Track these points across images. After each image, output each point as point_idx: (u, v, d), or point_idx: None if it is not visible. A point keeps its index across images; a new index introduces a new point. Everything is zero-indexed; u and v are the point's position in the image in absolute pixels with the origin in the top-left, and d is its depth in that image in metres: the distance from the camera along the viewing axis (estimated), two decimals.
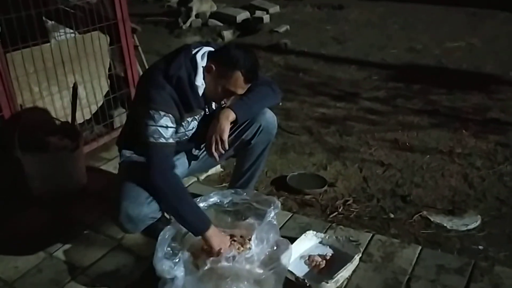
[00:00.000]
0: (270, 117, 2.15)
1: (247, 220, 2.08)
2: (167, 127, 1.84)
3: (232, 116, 1.96)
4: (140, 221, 1.90)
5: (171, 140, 1.86)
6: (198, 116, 2.01)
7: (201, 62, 1.89)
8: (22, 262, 2.10)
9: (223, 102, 2.04)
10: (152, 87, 1.86)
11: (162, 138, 1.83)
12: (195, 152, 2.23)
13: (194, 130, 2.05)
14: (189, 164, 2.22)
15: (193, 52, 1.91)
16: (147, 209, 1.89)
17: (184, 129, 2.00)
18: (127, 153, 2.07)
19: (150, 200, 1.89)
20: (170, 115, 1.85)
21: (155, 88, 1.85)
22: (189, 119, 1.99)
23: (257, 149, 2.18)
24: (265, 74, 3.80)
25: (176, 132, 1.94)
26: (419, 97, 3.96)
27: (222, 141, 1.95)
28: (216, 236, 1.87)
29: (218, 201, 2.07)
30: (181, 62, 1.88)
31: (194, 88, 1.89)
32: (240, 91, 1.91)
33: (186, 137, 2.05)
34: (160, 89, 1.85)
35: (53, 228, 2.32)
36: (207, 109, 2.04)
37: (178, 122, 1.93)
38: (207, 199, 2.04)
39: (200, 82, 1.91)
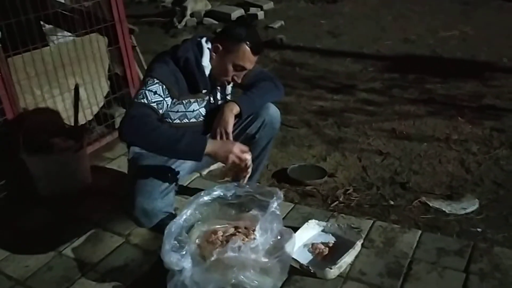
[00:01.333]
0: (274, 112, 2.20)
1: (251, 212, 2.12)
2: (155, 92, 1.89)
3: (236, 109, 2.03)
4: (154, 215, 1.96)
5: (153, 105, 1.88)
6: (200, 99, 2.08)
7: (206, 45, 2.02)
8: (32, 261, 2.14)
9: (230, 82, 2.10)
10: (156, 62, 1.98)
11: (145, 99, 1.87)
12: None
13: (195, 113, 2.10)
14: None
15: (198, 39, 2.04)
16: (161, 203, 1.95)
17: (185, 108, 2.06)
18: (136, 149, 2.12)
19: (164, 195, 1.96)
20: (163, 85, 1.91)
21: (158, 63, 1.96)
22: (192, 100, 2.06)
23: (261, 143, 2.24)
24: None
25: (177, 111, 2.01)
26: (415, 86, 4.01)
27: (227, 133, 2.01)
28: (218, 144, 1.90)
29: (222, 194, 2.10)
30: (188, 46, 2.00)
31: (201, 68, 1.99)
32: (249, 65, 2.00)
33: (187, 120, 2.10)
34: (163, 63, 1.95)
35: (61, 227, 2.36)
36: (211, 97, 2.10)
37: (175, 97, 1.98)
38: (211, 193, 2.08)
39: (206, 62, 2.01)
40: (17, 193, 2.59)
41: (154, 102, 1.89)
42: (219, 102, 2.16)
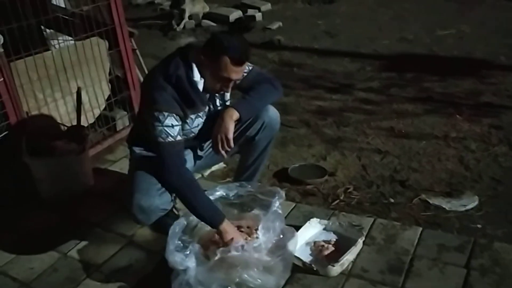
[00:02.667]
0: (273, 114, 2.21)
1: (253, 211, 2.15)
2: (172, 126, 1.92)
3: (236, 115, 2.03)
4: (152, 212, 1.99)
5: (179, 138, 1.95)
6: (201, 113, 2.08)
7: (192, 58, 1.97)
8: (37, 263, 2.17)
9: (225, 92, 2.10)
10: (154, 89, 1.94)
11: (170, 137, 1.92)
12: (200, 153, 2.30)
13: (199, 127, 2.12)
14: (195, 161, 2.30)
15: (185, 51, 1.99)
16: (158, 200, 1.98)
17: (189, 126, 2.07)
18: (137, 149, 2.14)
19: (161, 192, 1.98)
20: (174, 114, 1.93)
21: (156, 90, 1.93)
22: (193, 116, 2.05)
23: (261, 145, 2.25)
24: None
25: (182, 129, 2.02)
26: (413, 85, 4.04)
27: (228, 140, 2.02)
28: (229, 228, 1.97)
29: (224, 194, 2.14)
30: (177, 62, 1.96)
31: (193, 84, 1.96)
32: (235, 76, 1.94)
33: (193, 134, 2.12)
34: (162, 90, 1.92)
35: (64, 229, 2.39)
36: (211, 105, 2.11)
37: (183, 120, 2.00)
38: (213, 193, 2.11)
39: (197, 77, 1.98)
40: (20, 195, 2.61)
41: (177, 134, 1.94)
42: (219, 108, 2.16)
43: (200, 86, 2.00)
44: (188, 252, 1.84)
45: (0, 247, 2.29)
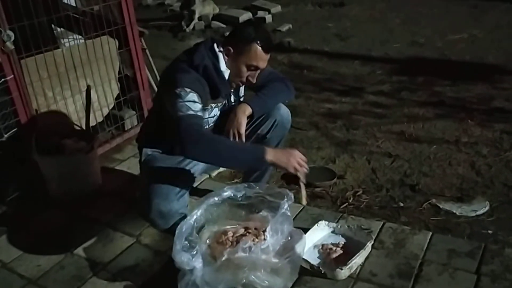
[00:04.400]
0: (285, 113, 2.22)
1: (261, 213, 2.13)
2: (194, 101, 1.89)
3: (248, 110, 2.05)
4: (171, 217, 1.98)
5: (199, 114, 1.90)
6: (220, 104, 2.10)
7: (218, 49, 2.01)
8: (44, 260, 2.16)
9: (245, 83, 2.11)
10: (177, 72, 1.94)
11: (191, 111, 1.86)
12: None
13: (215, 118, 2.12)
14: None
15: (211, 43, 2.03)
16: (177, 205, 1.97)
17: (208, 114, 2.08)
18: (149, 151, 2.14)
19: (179, 196, 1.98)
20: (196, 93, 1.90)
21: (180, 72, 1.93)
22: (213, 105, 2.07)
23: (272, 143, 2.25)
24: None
25: None
26: (424, 89, 4.00)
27: (239, 134, 2.03)
28: (278, 152, 1.93)
29: (232, 195, 2.11)
30: (203, 53, 1.99)
31: (220, 74, 1.99)
32: (262, 64, 2.00)
33: (207, 125, 2.11)
34: (185, 72, 1.94)
35: (72, 227, 2.38)
36: (226, 101, 2.12)
37: (204, 104, 1.97)
38: (221, 193, 2.08)
39: (224, 67, 2.01)
40: (29, 194, 2.61)
41: (198, 110, 1.89)
42: (233, 104, 2.17)
43: (226, 76, 2.03)
44: (195, 252, 1.83)
45: (8, 244, 2.29)
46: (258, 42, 1.95)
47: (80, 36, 3.12)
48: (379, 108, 3.72)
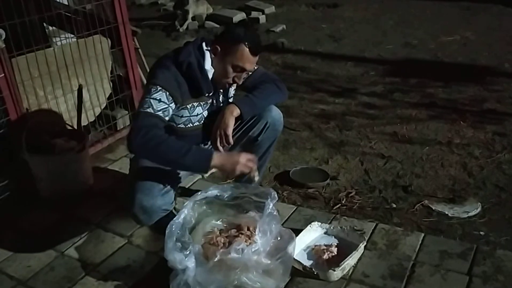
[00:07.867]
0: (276, 114, 2.21)
1: (249, 213, 2.12)
2: (159, 100, 1.90)
3: (236, 111, 2.02)
4: (153, 212, 1.96)
5: (159, 114, 1.89)
6: (204, 103, 2.08)
7: (206, 48, 2.01)
8: (34, 261, 2.14)
9: (232, 84, 2.10)
10: (158, 67, 1.97)
11: (150, 109, 1.88)
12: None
13: (200, 117, 2.11)
14: None
15: (200, 42, 2.03)
16: (160, 201, 1.95)
17: (189, 113, 2.06)
18: None
19: (163, 193, 1.96)
20: (167, 92, 1.92)
21: (159, 68, 1.96)
22: (195, 104, 2.05)
23: (263, 145, 2.24)
24: None
25: (181, 116, 2.01)
26: (416, 90, 4.02)
27: (226, 136, 2.01)
28: (225, 156, 1.91)
29: (218, 194, 2.08)
30: (190, 50, 2.00)
31: (204, 72, 1.99)
32: (249, 66, 1.99)
33: (191, 124, 2.10)
34: (165, 69, 1.95)
35: (63, 228, 2.36)
36: (214, 101, 2.10)
37: (179, 103, 1.98)
38: (207, 192, 2.06)
39: (209, 66, 2.00)
40: (19, 193, 2.58)
41: (160, 110, 1.89)
42: (221, 104, 2.16)
43: (210, 76, 2.02)
44: (188, 252, 1.82)
45: None
46: (246, 43, 1.94)
47: (72, 35, 3.09)
48: (372, 109, 3.73)
